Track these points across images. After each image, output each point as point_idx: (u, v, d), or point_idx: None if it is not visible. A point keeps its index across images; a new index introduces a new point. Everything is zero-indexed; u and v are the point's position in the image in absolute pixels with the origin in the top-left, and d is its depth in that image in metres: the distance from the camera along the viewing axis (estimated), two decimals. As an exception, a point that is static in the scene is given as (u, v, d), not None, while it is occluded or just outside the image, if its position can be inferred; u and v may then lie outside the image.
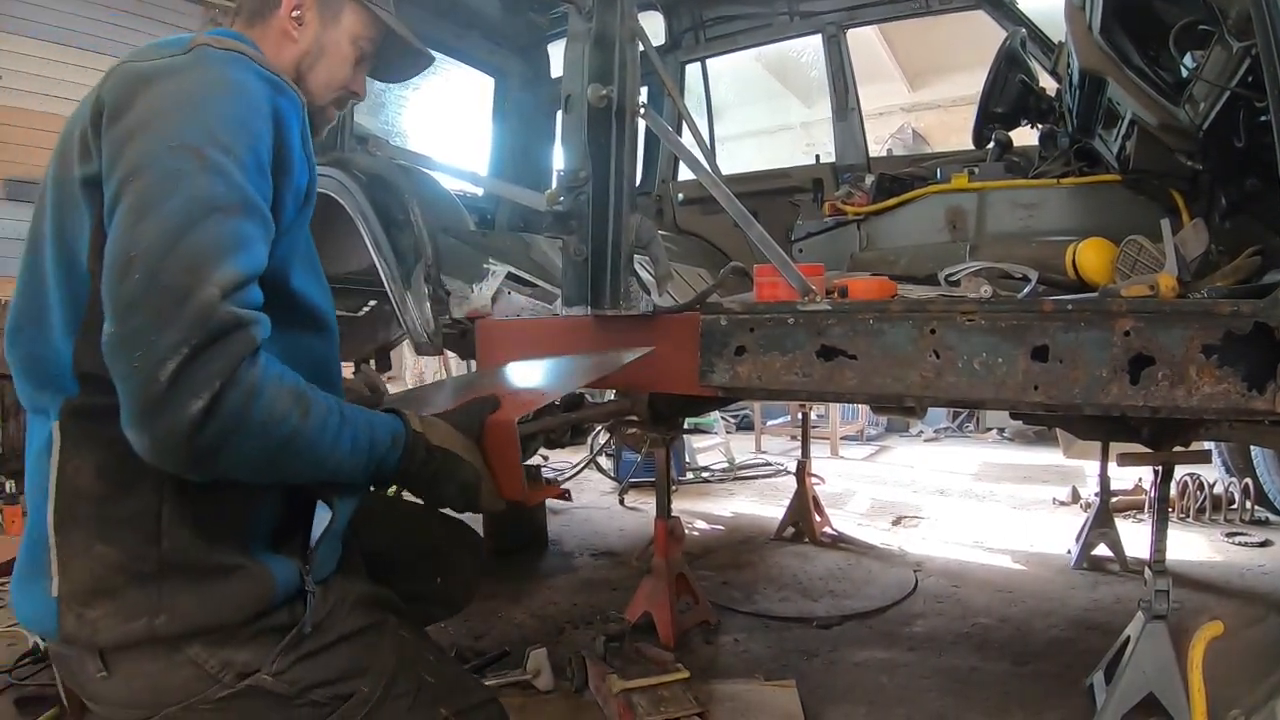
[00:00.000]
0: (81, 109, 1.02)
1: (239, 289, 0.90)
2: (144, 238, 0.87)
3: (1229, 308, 1.23)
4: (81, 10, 5.78)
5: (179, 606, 0.97)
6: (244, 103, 0.99)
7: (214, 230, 0.90)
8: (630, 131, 1.82)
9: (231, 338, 0.87)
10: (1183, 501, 4.03)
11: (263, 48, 1.18)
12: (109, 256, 0.89)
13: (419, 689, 1.10)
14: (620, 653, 2.24)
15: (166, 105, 0.94)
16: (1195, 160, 1.93)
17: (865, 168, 3.47)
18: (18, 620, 1.07)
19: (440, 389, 1.79)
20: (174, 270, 0.86)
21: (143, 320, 0.85)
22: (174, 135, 0.92)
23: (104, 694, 1.02)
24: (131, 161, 0.91)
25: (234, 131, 0.96)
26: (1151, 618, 1.90)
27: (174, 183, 0.89)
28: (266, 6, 1.23)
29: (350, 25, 1.28)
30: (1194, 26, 1.69)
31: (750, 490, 5.28)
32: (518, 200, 2.83)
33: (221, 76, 0.99)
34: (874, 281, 1.85)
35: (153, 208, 0.88)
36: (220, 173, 0.92)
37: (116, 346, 0.86)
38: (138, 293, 0.85)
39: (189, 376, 0.84)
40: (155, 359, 0.83)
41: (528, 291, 2.53)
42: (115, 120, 0.95)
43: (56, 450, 0.98)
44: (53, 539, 0.97)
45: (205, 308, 0.86)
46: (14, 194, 5.61)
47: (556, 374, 1.68)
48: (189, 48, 1.01)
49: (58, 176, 1.03)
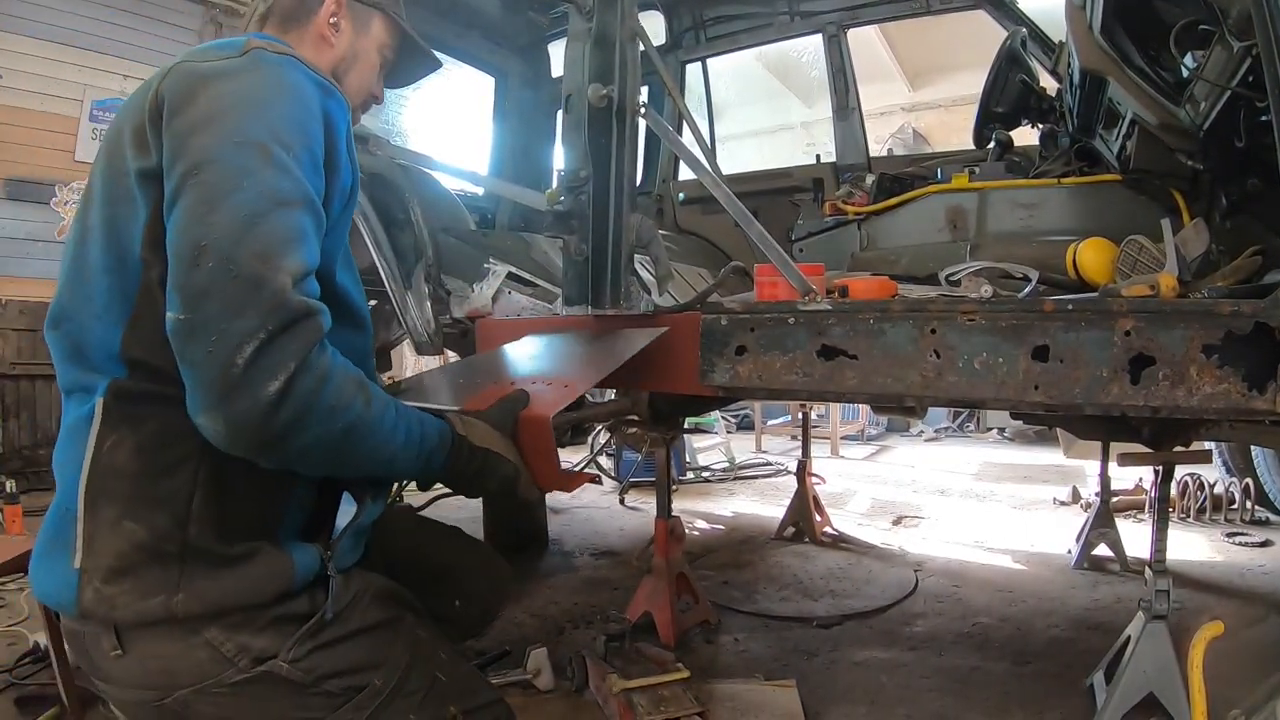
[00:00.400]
0: (134, 104, 1.04)
1: (304, 279, 0.94)
2: (216, 228, 0.90)
3: (1230, 308, 1.23)
4: (81, 10, 5.78)
5: (198, 586, 0.98)
6: (300, 104, 1.02)
7: (281, 222, 0.93)
8: (631, 131, 1.81)
9: (303, 324, 0.91)
10: (1183, 501, 4.03)
11: (300, 52, 1.20)
12: (176, 246, 0.91)
13: (431, 686, 1.10)
14: (620, 652, 2.24)
15: (229, 103, 0.98)
16: (1196, 160, 1.93)
17: (866, 167, 3.47)
18: (35, 595, 1.08)
19: (444, 374, 1.79)
20: (247, 258, 0.89)
21: (217, 307, 0.87)
22: (238, 131, 0.95)
23: (117, 673, 1.03)
24: (196, 155, 0.94)
25: (292, 131, 0.99)
26: (1152, 618, 1.90)
27: (241, 176, 0.93)
28: (304, 12, 1.26)
29: (378, 34, 1.34)
30: (1194, 26, 1.69)
31: (751, 490, 5.29)
32: (518, 200, 2.82)
33: (278, 78, 1.02)
34: (874, 281, 1.85)
35: (222, 199, 0.91)
36: (284, 169, 0.96)
37: (188, 333, 0.88)
38: (211, 280, 0.88)
39: (265, 360, 0.87)
40: (231, 344, 0.86)
41: (528, 291, 2.53)
42: (176, 115, 0.97)
43: (96, 425, 1.00)
44: (81, 512, 0.99)
45: (279, 294, 0.89)
46: (14, 194, 5.61)
47: (561, 356, 1.70)
48: (244, 50, 1.04)
49: (108, 171, 1.05)
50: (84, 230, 1.07)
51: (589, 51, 1.80)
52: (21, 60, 5.57)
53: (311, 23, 1.26)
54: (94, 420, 1.00)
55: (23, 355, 5.02)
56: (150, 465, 0.99)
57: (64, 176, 5.84)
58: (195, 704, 1.02)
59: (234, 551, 1.01)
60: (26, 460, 4.95)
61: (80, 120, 5.89)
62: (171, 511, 0.98)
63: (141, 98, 1.03)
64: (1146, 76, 1.89)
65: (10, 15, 5.49)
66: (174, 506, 0.98)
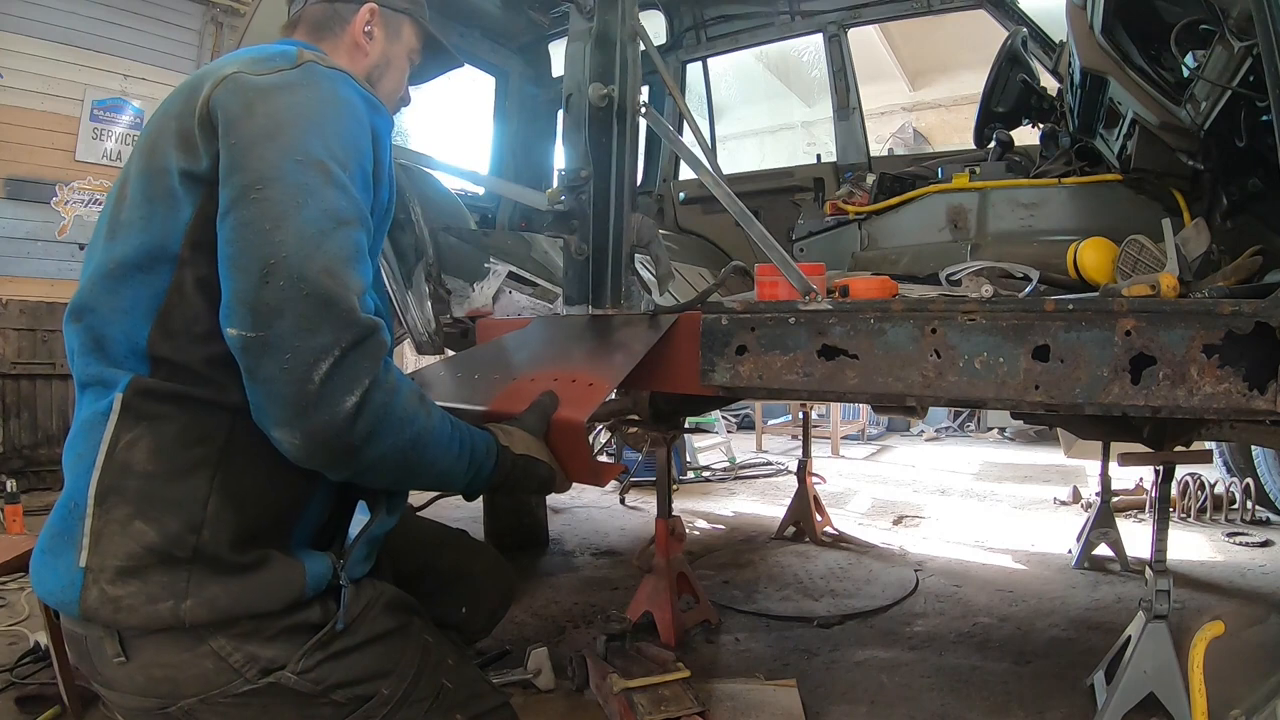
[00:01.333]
0: (177, 108, 1.05)
1: (364, 295, 0.96)
2: (284, 245, 0.91)
3: (1230, 307, 1.23)
4: (81, 10, 5.79)
5: (207, 593, 0.96)
6: (354, 121, 1.04)
7: (344, 241, 0.95)
8: (631, 130, 1.81)
9: (372, 339, 0.94)
10: (1184, 501, 4.03)
11: (334, 58, 1.22)
12: (239, 261, 0.93)
13: (438, 694, 1.10)
14: (621, 652, 2.24)
15: (288, 118, 0.98)
16: (1197, 160, 1.93)
17: (866, 167, 3.47)
18: (35, 593, 1.05)
19: (456, 368, 1.80)
20: (317, 275, 0.91)
21: (290, 324, 0.89)
22: (299, 148, 0.96)
23: (119, 680, 1.01)
24: (257, 170, 0.95)
25: (348, 148, 1.01)
26: (1152, 617, 1.90)
27: (304, 194, 0.94)
28: (337, 21, 1.28)
29: (408, 39, 1.37)
30: (1195, 26, 1.69)
31: (751, 489, 5.29)
32: (519, 199, 2.83)
33: (333, 94, 1.04)
34: (875, 281, 1.85)
35: (288, 217, 0.92)
36: (342, 188, 0.98)
37: (260, 350, 0.90)
38: (283, 298, 0.89)
39: (341, 376, 0.90)
40: (307, 360, 0.89)
41: (529, 290, 2.53)
42: (234, 127, 0.98)
43: (113, 421, 0.99)
44: (91, 508, 0.97)
45: (350, 311, 0.92)
46: (14, 194, 5.61)
47: (577, 351, 1.72)
48: (297, 63, 1.05)
49: (146, 170, 1.05)
50: (114, 226, 1.06)
51: (590, 51, 1.80)
52: (22, 60, 5.57)
53: (346, 32, 1.28)
54: (111, 416, 0.99)
55: (23, 355, 5.02)
56: (167, 466, 0.98)
57: (64, 176, 5.84)
58: (200, 713, 1.00)
59: (245, 559, 0.99)
60: (27, 460, 4.95)
61: (80, 120, 5.89)
62: (185, 515, 0.97)
63: (186, 102, 1.04)
64: (1147, 76, 1.89)
65: (10, 15, 5.49)
66: (188, 510, 0.97)
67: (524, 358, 1.78)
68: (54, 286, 5.63)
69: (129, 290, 1.02)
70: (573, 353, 1.73)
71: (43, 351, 5.09)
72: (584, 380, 1.44)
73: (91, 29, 5.85)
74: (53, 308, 5.17)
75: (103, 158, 6.01)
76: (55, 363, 5.09)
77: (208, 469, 0.98)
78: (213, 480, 0.98)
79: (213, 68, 1.07)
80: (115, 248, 1.04)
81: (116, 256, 1.03)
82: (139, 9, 6.06)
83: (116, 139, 6.08)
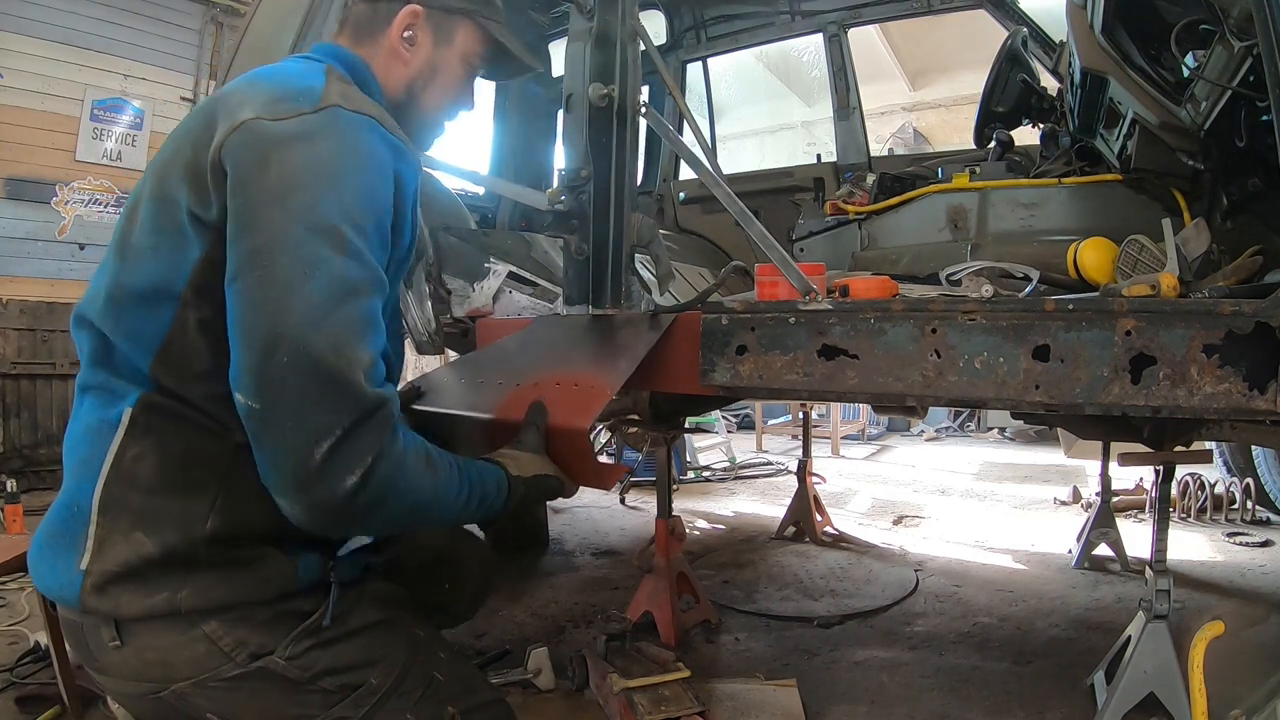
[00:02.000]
0: (192, 138, 1.01)
1: (374, 365, 0.94)
2: (290, 319, 0.89)
3: (1231, 307, 1.23)
4: (81, 10, 5.78)
5: (203, 583, 0.99)
6: (375, 174, 1.00)
7: (353, 312, 0.93)
8: (631, 130, 1.82)
9: (377, 416, 0.92)
10: (1184, 501, 4.03)
11: (373, 66, 1.19)
12: (246, 329, 0.91)
13: (428, 685, 1.11)
14: (621, 652, 2.24)
15: (302, 176, 0.95)
16: (1197, 160, 1.93)
17: (867, 167, 3.47)
18: (34, 584, 1.08)
19: (460, 372, 1.80)
20: (323, 352, 0.89)
21: (294, 400, 0.88)
22: (311, 212, 0.93)
23: (114, 665, 1.03)
24: (266, 234, 0.92)
25: (365, 206, 0.98)
26: (1152, 617, 1.90)
27: (314, 265, 0.91)
28: (375, 25, 1.20)
29: (463, 43, 1.27)
30: (1195, 26, 1.69)
31: (751, 489, 5.29)
32: (519, 199, 2.83)
33: (354, 144, 0.99)
34: (875, 281, 1.85)
35: (295, 288, 0.90)
36: (355, 254, 0.95)
37: (263, 421, 0.90)
38: (287, 373, 0.88)
39: (343, 455, 0.89)
40: (309, 438, 0.88)
41: (529, 290, 2.53)
42: (246, 183, 0.94)
43: (121, 434, 1.00)
44: (94, 515, 0.99)
45: (355, 388, 0.90)
46: (14, 193, 5.61)
47: (578, 352, 1.73)
48: (320, 106, 0.99)
49: (158, 194, 1.03)
50: (124, 245, 1.05)
51: (590, 51, 1.80)
52: (22, 60, 5.57)
53: (385, 36, 1.20)
54: (120, 428, 1.00)
55: (23, 355, 5.02)
56: (170, 484, 0.99)
57: (64, 176, 5.84)
58: (192, 697, 1.02)
59: (241, 555, 1.02)
60: (27, 460, 4.95)
61: (81, 120, 5.88)
62: (186, 530, 0.99)
63: (200, 136, 1.00)
64: (1147, 76, 1.89)
65: (10, 15, 5.49)
66: (189, 526, 0.99)
67: (526, 361, 1.78)
68: (54, 286, 5.63)
69: (133, 319, 1.02)
70: (574, 355, 1.74)
71: (43, 351, 5.09)
72: (585, 385, 1.44)
73: (91, 29, 5.85)
74: (53, 308, 5.17)
75: (103, 158, 6.01)
76: (55, 363, 5.09)
77: (210, 490, 1.00)
78: (214, 501, 1.00)
79: (231, 102, 1.02)
80: (124, 273, 1.04)
81: (124, 283, 1.03)
82: (139, 9, 6.06)
83: (116, 139, 6.08)
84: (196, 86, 6.40)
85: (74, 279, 5.76)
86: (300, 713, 1.04)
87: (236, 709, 1.04)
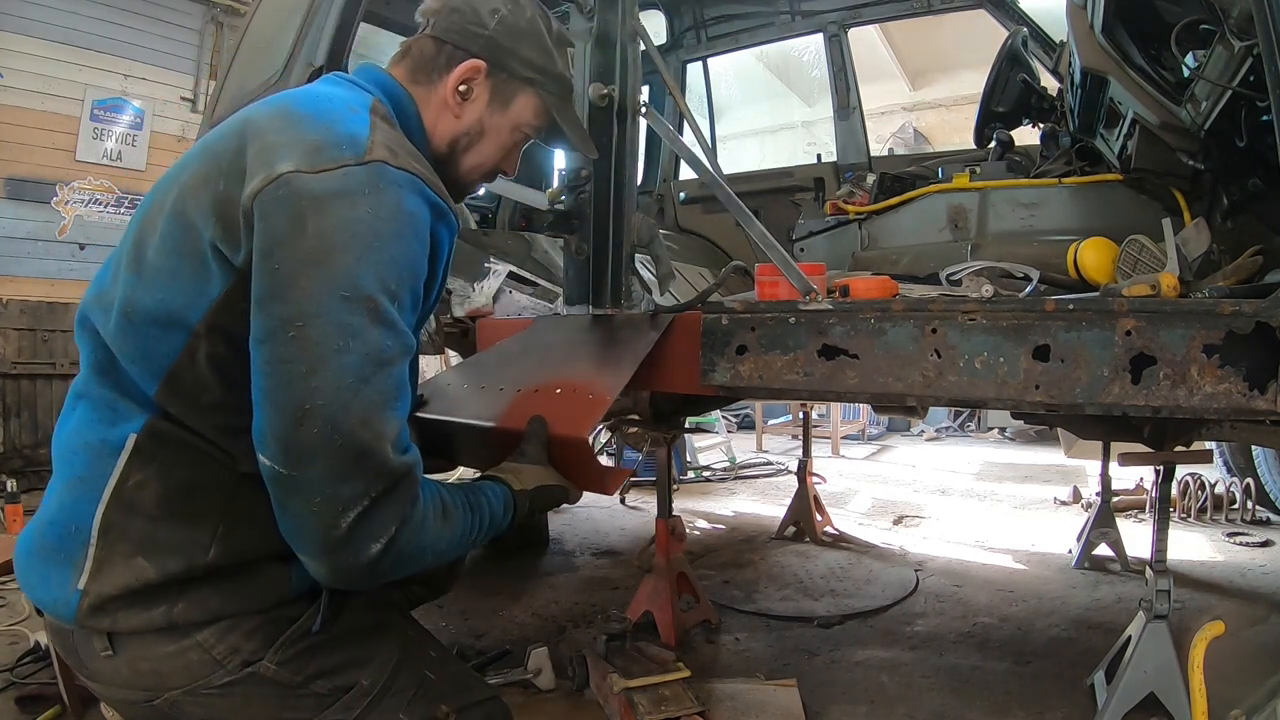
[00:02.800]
0: (221, 164, 0.97)
1: (401, 434, 0.95)
2: (320, 393, 0.89)
3: (1231, 307, 1.23)
4: (82, 10, 5.78)
5: (199, 596, 0.99)
6: (413, 238, 0.98)
7: (383, 384, 0.93)
8: (632, 130, 1.82)
9: (402, 486, 0.93)
10: (1184, 501, 4.03)
11: (423, 111, 1.16)
12: (275, 397, 0.90)
13: (420, 684, 1.10)
14: (621, 651, 2.24)
15: (341, 239, 0.92)
16: (1197, 160, 1.93)
17: (867, 167, 3.47)
18: (29, 598, 1.07)
19: (462, 377, 1.80)
20: (351, 425, 0.89)
21: (321, 471, 0.89)
22: (347, 282, 0.91)
23: (105, 673, 1.03)
24: (299, 303, 0.90)
25: (402, 274, 0.96)
26: (1153, 617, 1.90)
27: (347, 337, 0.90)
28: (434, 67, 1.16)
29: (519, 111, 1.22)
30: (1196, 26, 1.69)
31: (751, 489, 5.29)
32: (519, 199, 2.83)
33: (396, 208, 0.96)
34: (875, 281, 1.85)
35: (326, 361, 0.89)
36: (388, 324, 0.94)
37: (290, 488, 0.90)
38: (316, 445, 0.88)
39: (368, 525, 0.90)
40: (335, 507, 0.89)
41: (529, 290, 2.53)
42: (280, 247, 0.91)
43: (124, 460, 0.99)
44: (95, 537, 0.98)
45: (382, 462, 0.91)
46: (14, 193, 5.61)
47: (578, 357, 1.72)
48: (364, 159, 0.95)
49: (179, 214, 1.00)
50: (140, 257, 1.02)
51: (590, 51, 1.80)
52: (22, 60, 5.57)
53: (441, 83, 1.16)
54: (123, 453, 0.99)
55: (23, 355, 5.02)
56: (173, 512, 0.99)
57: (64, 176, 5.84)
58: (185, 705, 1.02)
59: (239, 572, 1.02)
60: (27, 459, 4.95)
61: (81, 120, 5.89)
62: (189, 559, 0.99)
63: (231, 163, 0.97)
64: (1147, 76, 1.89)
65: (11, 15, 5.49)
66: (191, 554, 0.99)
67: (526, 365, 1.77)
68: (54, 286, 5.63)
69: (142, 340, 1.00)
70: (574, 358, 1.74)
71: (43, 351, 5.08)
72: (585, 391, 1.44)
73: (91, 29, 5.85)
74: (53, 308, 5.17)
75: (103, 158, 6.01)
76: (55, 363, 5.09)
77: (213, 519, 0.99)
78: (216, 530, 0.99)
79: (269, 140, 0.96)
80: (139, 290, 1.01)
81: (138, 301, 1.00)
82: (139, 9, 6.06)
83: (117, 139, 6.08)
84: (196, 86, 6.40)
85: (74, 279, 5.76)
86: (293, 716, 1.04)
87: (229, 715, 1.03)
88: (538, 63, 1.21)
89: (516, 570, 3.37)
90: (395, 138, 1.04)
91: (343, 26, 2.30)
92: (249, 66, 2.87)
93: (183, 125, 6.35)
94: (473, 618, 2.78)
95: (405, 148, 1.04)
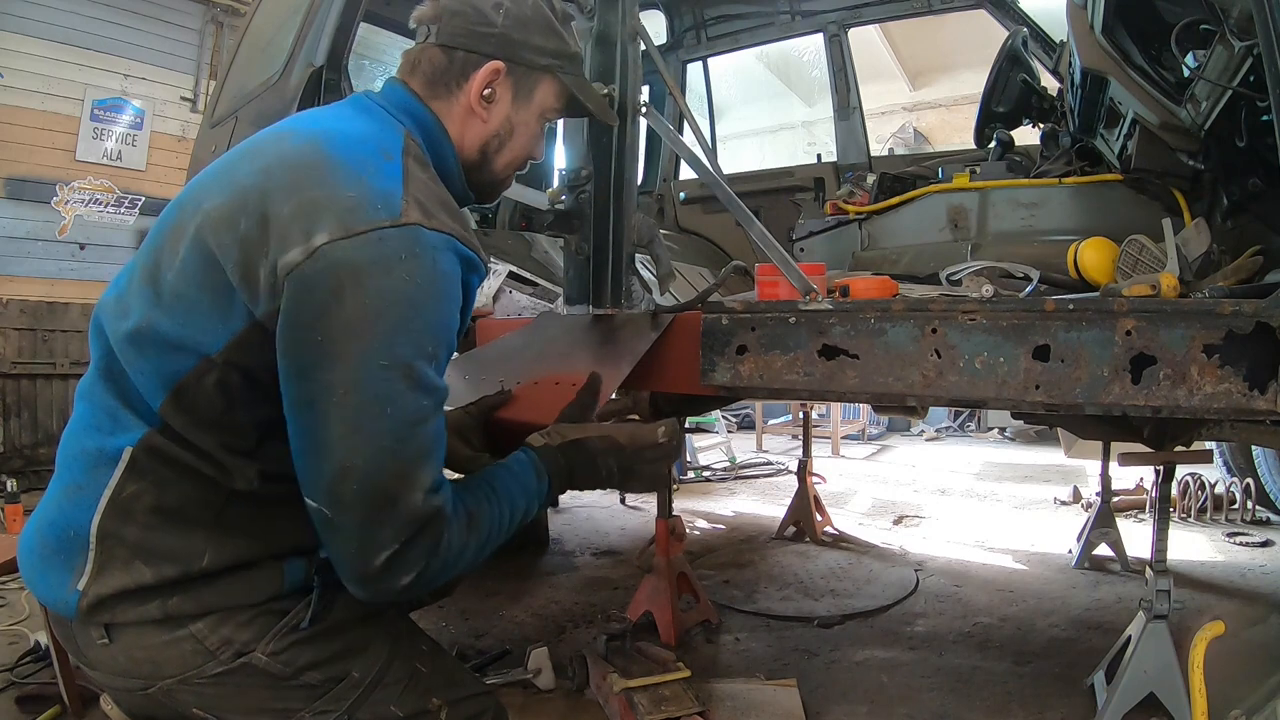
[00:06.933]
0: (247, 208, 0.97)
1: (435, 479, 0.98)
2: (359, 454, 0.93)
3: (1231, 307, 1.23)
4: (82, 10, 5.78)
5: (194, 590, 1.01)
6: (448, 299, 1.00)
7: (418, 442, 0.96)
8: (632, 130, 1.82)
9: (430, 527, 0.97)
10: (1184, 501, 4.03)
11: (446, 122, 1.15)
12: (314, 454, 0.95)
13: (411, 677, 1.11)
14: (621, 651, 2.24)
15: (379, 308, 0.93)
16: (1197, 160, 1.93)
17: (867, 167, 3.47)
18: (32, 590, 1.10)
19: (458, 370, 1.80)
20: (387, 481, 0.94)
21: (357, 519, 0.94)
22: (386, 350, 0.93)
23: (102, 661, 1.05)
24: (340, 372, 0.92)
25: (438, 335, 0.99)
26: (1153, 617, 1.90)
27: (385, 404, 0.93)
28: (452, 80, 1.15)
29: (542, 100, 1.22)
30: (1196, 26, 1.69)
31: (751, 489, 5.29)
32: (519, 199, 2.82)
33: (431, 272, 0.97)
34: (875, 281, 1.85)
35: (365, 425, 0.93)
36: (426, 387, 0.97)
37: (330, 528, 0.96)
38: (354, 498, 0.94)
39: (400, 562, 0.95)
40: (371, 549, 0.94)
41: (529, 290, 2.53)
42: (322, 315, 0.92)
43: (120, 471, 1.01)
44: (93, 543, 1.01)
45: (413, 510, 0.95)
46: (14, 193, 5.61)
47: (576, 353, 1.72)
48: (399, 221, 0.95)
49: (202, 244, 0.99)
50: (158, 282, 1.02)
51: (590, 50, 1.81)
52: (22, 60, 5.57)
53: (462, 92, 1.15)
54: (119, 464, 1.01)
55: (23, 354, 5.02)
56: (166, 524, 1.01)
57: (64, 176, 5.84)
58: (179, 694, 1.04)
59: (234, 570, 1.04)
60: (27, 459, 4.95)
61: (81, 120, 5.88)
62: (184, 565, 1.01)
63: (256, 204, 0.96)
64: (1148, 76, 1.89)
65: (11, 15, 5.49)
66: (185, 562, 1.01)
67: (525, 360, 1.78)
68: (54, 286, 5.63)
69: (151, 358, 1.01)
70: (573, 355, 1.74)
71: (43, 351, 5.08)
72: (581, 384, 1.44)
73: (91, 29, 5.85)
74: (53, 308, 5.17)
75: (103, 158, 6.01)
76: (55, 363, 5.09)
77: (202, 531, 1.02)
78: (208, 539, 1.02)
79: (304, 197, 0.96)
80: (158, 315, 1.01)
81: (156, 325, 1.01)
82: (139, 9, 6.05)
83: (117, 139, 6.07)
84: (196, 86, 6.40)
85: (74, 279, 5.76)
86: (284, 707, 1.05)
87: (222, 705, 1.05)
88: (551, 47, 1.20)
89: (516, 570, 3.37)
90: (428, 187, 1.04)
91: (343, 26, 2.30)
92: (249, 66, 2.87)
93: (183, 125, 6.34)
94: (473, 618, 2.78)
95: (438, 197, 1.04)
